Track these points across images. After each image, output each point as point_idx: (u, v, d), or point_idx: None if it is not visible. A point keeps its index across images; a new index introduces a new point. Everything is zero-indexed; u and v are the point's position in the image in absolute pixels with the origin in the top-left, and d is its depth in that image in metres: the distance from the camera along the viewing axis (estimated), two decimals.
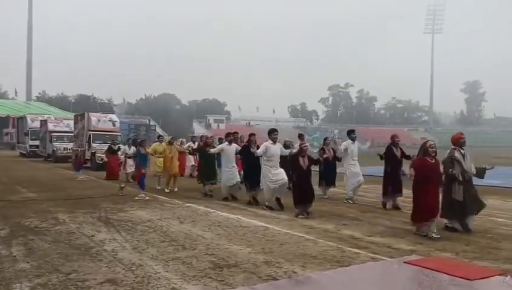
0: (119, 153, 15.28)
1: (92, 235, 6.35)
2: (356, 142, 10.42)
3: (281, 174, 8.87)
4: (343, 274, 4.62)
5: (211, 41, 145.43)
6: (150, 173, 13.28)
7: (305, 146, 8.61)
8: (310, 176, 8.36)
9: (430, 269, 4.68)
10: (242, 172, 10.52)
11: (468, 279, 4.35)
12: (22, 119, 35.78)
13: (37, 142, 30.37)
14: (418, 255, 5.38)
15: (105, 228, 6.93)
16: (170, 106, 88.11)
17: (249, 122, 79.49)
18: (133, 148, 14.81)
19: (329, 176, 10.77)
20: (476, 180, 7.18)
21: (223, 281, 4.37)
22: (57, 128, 28.19)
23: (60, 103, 72.02)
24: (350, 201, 9.95)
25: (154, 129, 57.37)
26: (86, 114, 22.28)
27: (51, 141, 26.93)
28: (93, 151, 20.08)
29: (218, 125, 73.68)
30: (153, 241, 6.00)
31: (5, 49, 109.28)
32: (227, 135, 10.98)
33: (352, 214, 8.48)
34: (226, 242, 6.02)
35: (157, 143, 13.66)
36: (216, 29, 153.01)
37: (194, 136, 18.47)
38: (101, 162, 18.49)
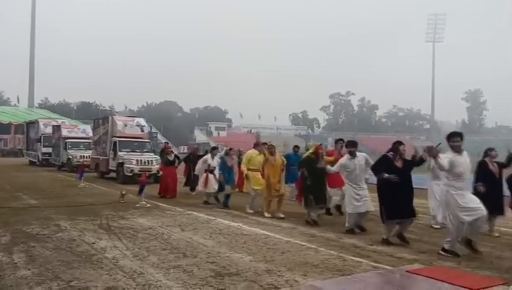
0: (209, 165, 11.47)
1: (93, 243, 6.34)
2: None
3: (476, 201, 5.94)
4: (344, 283, 4.60)
5: (212, 49, 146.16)
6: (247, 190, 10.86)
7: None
8: None
9: (432, 278, 4.66)
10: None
11: (470, 288, 4.34)
12: (32, 124, 31.92)
13: (50, 150, 27.31)
14: (421, 265, 5.36)
15: (106, 235, 6.93)
16: (172, 114, 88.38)
17: (250, 130, 79.63)
18: (216, 159, 11.50)
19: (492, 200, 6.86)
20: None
21: (224, 289, 4.36)
22: (72, 134, 25.43)
23: (62, 110, 72.34)
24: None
25: (156, 137, 57.38)
26: (109, 118, 19.45)
27: (65, 149, 24.07)
28: (120, 161, 17.06)
29: (219, 133, 74.07)
30: (154, 249, 5.99)
31: (8, 57, 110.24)
32: (351, 143, 7.87)
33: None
34: (227, 250, 6.01)
35: (256, 152, 9.99)
36: (217, 38, 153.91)
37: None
38: (131, 174, 16.41)
